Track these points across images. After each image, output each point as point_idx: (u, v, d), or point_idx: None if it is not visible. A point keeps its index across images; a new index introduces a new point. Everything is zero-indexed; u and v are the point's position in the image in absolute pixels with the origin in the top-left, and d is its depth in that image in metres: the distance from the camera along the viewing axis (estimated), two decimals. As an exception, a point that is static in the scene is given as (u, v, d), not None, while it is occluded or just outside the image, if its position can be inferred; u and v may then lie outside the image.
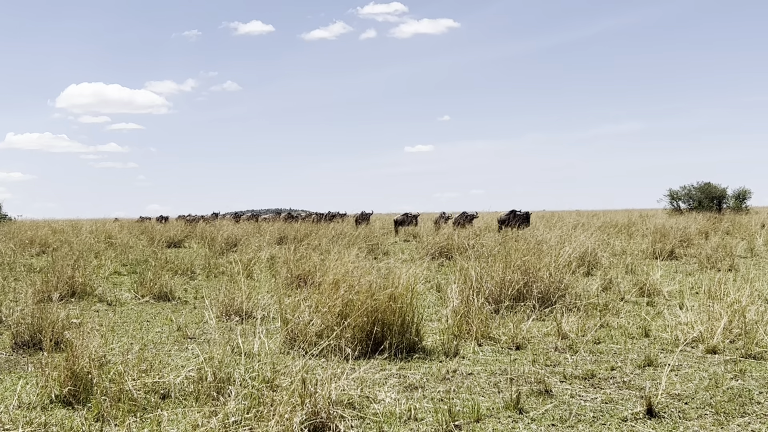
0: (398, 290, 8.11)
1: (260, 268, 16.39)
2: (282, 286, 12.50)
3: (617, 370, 7.32)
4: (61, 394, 6.21)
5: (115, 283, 15.00)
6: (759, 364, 7.48)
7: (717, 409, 6.01)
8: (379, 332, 7.90)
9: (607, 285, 12.73)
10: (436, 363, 7.62)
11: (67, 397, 6.18)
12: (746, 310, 8.70)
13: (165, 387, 6.37)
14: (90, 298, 12.45)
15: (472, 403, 6.10)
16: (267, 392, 5.63)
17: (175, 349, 8.47)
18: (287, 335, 8.23)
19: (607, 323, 9.61)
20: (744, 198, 56.25)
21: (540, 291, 10.67)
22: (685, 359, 7.72)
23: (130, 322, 10.30)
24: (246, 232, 27.46)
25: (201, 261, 18.13)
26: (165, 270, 14.21)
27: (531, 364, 7.54)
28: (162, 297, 12.44)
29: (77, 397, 6.18)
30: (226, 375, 6.22)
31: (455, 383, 6.85)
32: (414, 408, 6.02)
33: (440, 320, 9.64)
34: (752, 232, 26.74)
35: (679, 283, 13.13)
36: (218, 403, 5.74)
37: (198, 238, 29.07)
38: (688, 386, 6.66)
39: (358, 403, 6.10)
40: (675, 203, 58.09)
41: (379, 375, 7.03)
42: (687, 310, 9.30)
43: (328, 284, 8.32)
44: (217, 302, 10.46)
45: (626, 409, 6.04)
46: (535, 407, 6.11)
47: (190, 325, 9.89)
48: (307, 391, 5.55)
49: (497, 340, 8.58)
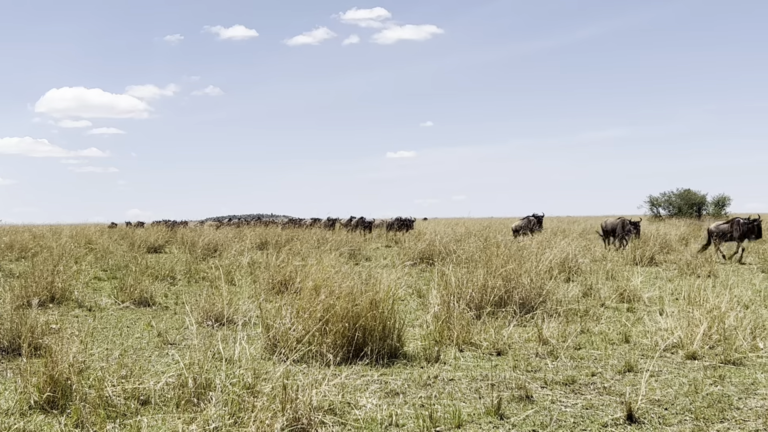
0: (379, 296, 8.11)
1: (241, 274, 16.34)
2: (263, 291, 12.48)
3: (598, 375, 7.34)
4: (40, 400, 6.16)
5: (95, 288, 14.90)
6: (738, 369, 7.53)
7: (697, 415, 6.03)
8: (360, 338, 7.89)
9: (588, 291, 12.79)
10: (418, 369, 7.62)
11: (46, 404, 6.13)
12: (725, 316, 8.76)
13: (145, 393, 6.33)
14: (69, 303, 12.37)
15: (453, 409, 6.10)
16: (248, 398, 5.61)
17: (155, 354, 8.43)
18: (268, 341, 8.20)
19: (587, 329, 9.64)
20: (723, 204, 56.71)
21: (521, 297, 10.69)
22: (665, 365, 7.76)
23: (109, 328, 10.24)
24: (227, 237, 27.39)
25: (182, 266, 18.05)
26: (145, 275, 14.15)
27: (512, 369, 7.55)
28: (142, 302, 12.38)
29: (56, 404, 6.14)
30: (206, 381, 6.19)
31: (436, 389, 6.85)
32: (395, 414, 6.01)
33: (422, 326, 9.64)
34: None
35: (659, 289, 13.20)
36: (198, 409, 5.71)
37: (179, 244, 28.95)
38: (668, 392, 6.70)
39: (339, 409, 6.09)
40: (655, 210, 58.48)
41: (361, 381, 7.02)
42: (667, 316, 9.35)
43: (309, 289, 8.30)
44: (197, 308, 10.41)
45: (607, 415, 6.06)
46: (516, 413, 6.12)
47: (171, 331, 9.84)
48: (288, 397, 5.54)
49: (478, 346, 8.59)
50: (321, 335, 7.82)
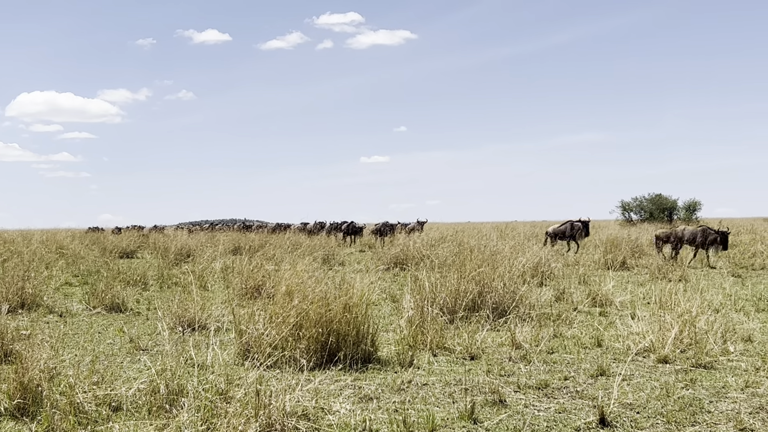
0: (353, 300, 8.10)
1: (214, 279, 16.27)
2: (236, 296, 12.44)
3: (570, 379, 7.38)
4: (10, 406, 6.10)
5: (66, 294, 14.78)
6: (709, 373, 7.59)
7: (668, 418, 6.08)
8: (334, 343, 7.87)
9: (561, 295, 12.85)
10: (391, 373, 7.61)
11: (16, 410, 6.07)
12: (696, 320, 8.83)
13: (117, 399, 6.28)
14: (40, 309, 12.25)
15: (426, 414, 6.10)
16: (220, 404, 5.59)
17: (127, 360, 8.37)
18: (241, 346, 8.17)
19: (560, 333, 9.69)
20: (694, 209, 57.28)
21: (494, 301, 10.72)
22: (636, 369, 7.81)
23: (81, 334, 10.15)
24: (200, 242, 27.25)
25: (154, 272, 17.95)
26: (117, 281, 14.05)
27: (485, 374, 7.57)
28: (114, 308, 12.29)
29: (27, 410, 6.07)
30: (178, 387, 6.15)
31: (410, 394, 6.85)
32: (369, 419, 6.01)
33: (395, 330, 9.64)
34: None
35: (630, 294, 13.30)
36: (171, 415, 5.68)
37: (151, 249, 28.77)
38: (639, 395, 6.74)
39: (313, 415, 6.08)
40: (627, 214, 58.92)
41: (334, 386, 7.01)
42: (639, 320, 9.42)
43: (282, 294, 8.27)
44: (170, 313, 10.35)
45: (579, 419, 6.09)
46: (489, 417, 6.13)
47: (143, 337, 9.77)
48: (261, 403, 5.52)
49: (452, 351, 8.60)
50: (294, 340, 7.80)
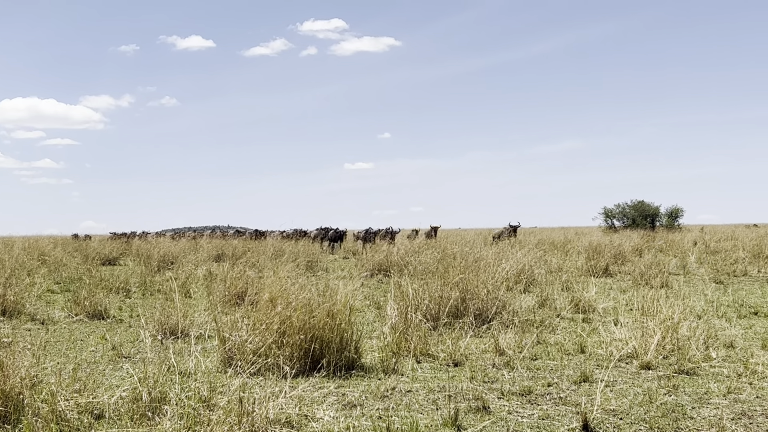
0: (336, 307, 8.09)
1: (197, 286, 16.22)
2: (219, 303, 12.40)
3: (554, 386, 7.39)
4: (-10, 415, 6.05)
5: (48, 301, 14.69)
6: (691, 379, 7.62)
7: (651, 425, 6.10)
8: (317, 350, 7.86)
9: (544, 302, 12.88)
10: (375, 380, 7.61)
11: (-4, 419, 6.03)
12: (679, 326, 8.87)
13: (99, 407, 6.25)
14: (22, 316, 12.17)
15: (410, 421, 6.10)
16: (203, 411, 5.56)
17: (109, 368, 8.32)
18: (224, 354, 8.13)
19: (543, 340, 9.70)
20: (676, 216, 57.50)
21: (477, 308, 10.73)
22: (619, 375, 7.83)
23: (63, 341, 10.09)
24: (183, 249, 27.16)
25: (136, 279, 17.87)
26: (99, 288, 13.98)
27: (469, 380, 7.57)
28: (96, 315, 12.22)
29: (8, 418, 6.03)
30: (161, 394, 6.11)
31: (394, 401, 6.85)
32: (353, 426, 6.00)
33: (379, 337, 9.62)
34: (684, 249, 27.32)
35: (613, 300, 13.34)
36: (153, 423, 5.65)
37: (134, 256, 28.66)
38: (622, 402, 6.76)
39: (297, 422, 6.06)
40: (609, 221, 59.11)
41: (318, 393, 6.99)
42: (621, 326, 9.44)
43: (265, 301, 8.25)
44: (152, 320, 10.31)
45: (562, 425, 6.10)
46: (473, 424, 6.13)
47: (125, 344, 9.72)
48: (245, 410, 5.50)
49: (436, 357, 8.61)
50: (278, 347, 7.78)
